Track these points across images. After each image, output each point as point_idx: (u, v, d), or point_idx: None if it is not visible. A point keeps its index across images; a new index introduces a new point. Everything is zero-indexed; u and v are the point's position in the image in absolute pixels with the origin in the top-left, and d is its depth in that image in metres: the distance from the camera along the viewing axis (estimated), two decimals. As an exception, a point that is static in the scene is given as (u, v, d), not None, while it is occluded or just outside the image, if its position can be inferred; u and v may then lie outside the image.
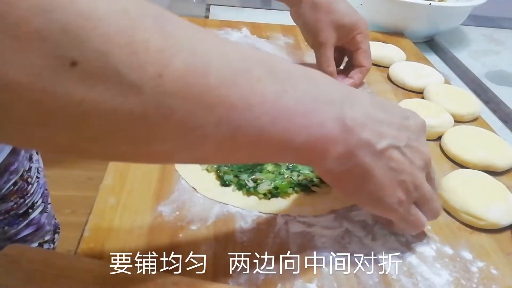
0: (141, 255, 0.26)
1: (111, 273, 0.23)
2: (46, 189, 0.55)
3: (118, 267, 0.24)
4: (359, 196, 0.26)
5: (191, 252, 0.27)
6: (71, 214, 0.58)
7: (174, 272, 0.26)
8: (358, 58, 0.46)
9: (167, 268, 0.26)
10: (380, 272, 0.28)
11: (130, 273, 0.24)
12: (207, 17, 0.67)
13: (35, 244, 0.53)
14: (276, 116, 0.20)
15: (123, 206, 0.30)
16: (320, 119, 0.22)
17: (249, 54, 0.20)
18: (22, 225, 0.51)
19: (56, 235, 0.58)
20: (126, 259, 0.26)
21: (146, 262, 0.26)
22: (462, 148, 0.39)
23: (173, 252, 0.27)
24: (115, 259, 0.26)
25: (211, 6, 0.72)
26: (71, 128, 0.16)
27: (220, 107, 0.18)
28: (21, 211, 0.51)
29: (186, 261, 0.26)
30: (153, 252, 0.27)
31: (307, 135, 0.21)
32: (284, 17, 0.71)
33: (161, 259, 0.26)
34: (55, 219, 0.59)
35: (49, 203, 0.57)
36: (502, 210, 0.32)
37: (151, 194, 0.31)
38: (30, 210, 0.52)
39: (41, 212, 0.54)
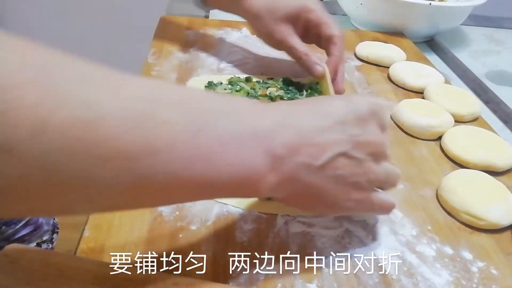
0: (141, 255, 0.27)
1: (111, 273, 0.23)
2: None
3: (118, 267, 0.24)
4: (316, 209, 0.26)
5: (191, 252, 0.27)
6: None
7: (174, 272, 0.26)
8: (324, 33, 0.44)
9: (167, 268, 0.26)
10: (380, 272, 0.28)
11: (130, 273, 0.23)
12: (207, 17, 0.67)
13: (33, 244, 0.53)
14: (190, 159, 0.19)
15: (123, 206, 0.30)
16: (243, 155, 0.21)
17: (157, 95, 0.19)
18: (20, 225, 0.51)
19: (54, 235, 0.58)
20: (126, 259, 0.26)
21: (146, 262, 0.26)
22: (462, 148, 0.39)
23: (173, 252, 0.27)
24: (115, 259, 0.26)
25: (211, 6, 0.72)
26: None
27: (116, 158, 0.17)
28: None
29: (186, 261, 0.26)
30: (153, 252, 0.27)
31: (230, 173, 0.20)
32: (284, 17, 0.71)
33: (161, 259, 0.26)
34: (54, 219, 0.59)
35: None
36: (502, 210, 0.32)
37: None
38: None
39: None
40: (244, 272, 0.26)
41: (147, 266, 0.26)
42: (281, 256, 0.28)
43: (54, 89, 0.16)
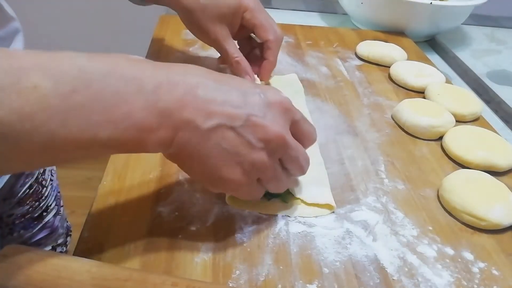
0: (140, 256, 0.26)
1: (109, 273, 0.23)
2: (59, 192, 0.55)
3: (116, 268, 0.24)
4: (199, 176, 0.25)
5: (191, 253, 0.27)
6: (70, 214, 0.58)
7: (173, 273, 0.26)
8: (260, 36, 0.42)
9: (166, 268, 0.26)
10: (381, 273, 0.27)
11: (129, 273, 0.23)
12: (207, 16, 0.67)
13: (49, 248, 0.53)
14: (65, 118, 0.20)
15: (122, 206, 0.30)
16: (124, 110, 0.21)
17: (25, 62, 0.20)
18: (37, 228, 0.51)
19: (68, 238, 0.58)
20: (125, 260, 0.26)
21: (145, 263, 0.26)
22: (463, 148, 0.38)
23: (172, 253, 0.27)
24: (114, 260, 0.26)
25: (211, 5, 0.71)
26: None
27: None
28: (36, 215, 0.50)
29: (185, 262, 0.26)
30: (152, 253, 0.27)
31: (111, 129, 0.21)
32: (284, 16, 0.71)
33: (160, 260, 0.26)
34: (67, 222, 0.59)
35: (62, 206, 0.56)
36: (504, 211, 0.32)
37: (150, 194, 0.31)
38: (44, 213, 0.52)
39: (55, 215, 0.54)
40: (244, 273, 0.26)
41: (146, 266, 0.26)
42: (281, 256, 0.27)
43: None
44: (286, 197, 0.32)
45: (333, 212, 0.32)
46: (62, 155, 0.22)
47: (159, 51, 0.52)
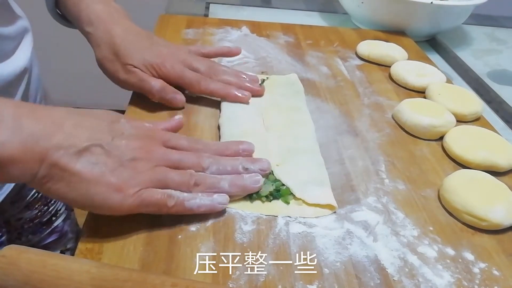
0: (139, 256, 0.26)
1: (109, 274, 0.23)
2: None
3: (116, 269, 0.24)
4: (72, 198, 0.26)
5: (191, 254, 0.27)
6: (74, 213, 0.58)
7: (173, 274, 0.25)
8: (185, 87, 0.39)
9: (166, 269, 0.26)
10: (381, 274, 0.27)
11: (128, 274, 0.23)
12: (206, 15, 0.67)
13: (57, 252, 0.53)
14: None
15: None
16: None
17: None
18: (46, 233, 0.51)
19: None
20: (124, 260, 0.26)
21: (145, 263, 0.26)
22: (464, 148, 0.38)
23: (172, 253, 0.27)
24: (113, 260, 0.26)
25: (211, 4, 0.71)
26: None
27: None
28: (45, 219, 0.50)
29: (185, 262, 0.26)
30: (152, 253, 0.27)
31: None
32: (284, 16, 0.71)
33: (159, 260, 0.26)
34: (78, 226, 0.59)
35: (72, 210, 0.56)
36: (505, 211, 0.32)
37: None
38: (53, 218, 0.52)
39: (64, 220, 0.54)
40: (244, 274, 0.26)
41: (146, 267, 0.25)
42: (281, 257, 0.27)
43: None
44: (288, 198, 0.31)
45: (335, 212, 0.31)
46: None
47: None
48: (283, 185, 0.32)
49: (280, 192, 0.32)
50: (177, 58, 0.40)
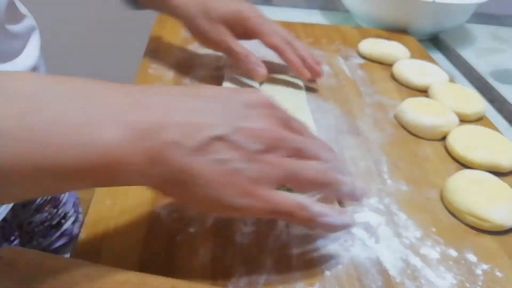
0: (138, 258, 0.26)
1: (107, 276, 0.23)
2: (77, 198, 0.55)
3: (114, 270, 0.23)
4: (199, 203, 0.22)
5: (189, 255, 0.27)
6: (82, 215, 0.58)
7: (172, 275, 0.25)
8: (266, 43, 0.42)
9: (165, 271, 0.25)
10: (383, 276, 0.27)
11: (127, 276, 0.23)
12: (208, 14, 0.67)
13: (67, 255, 0.53)
14: (22, 143, 0.17)
15: (120, 207, 0.29)
16: (91, 133, 0.18)
17: None
18: (55, 236, 0.51)
19: None
20: (123, 262, 0.26)
21: (143, 265, 0.26)
22: (467, 148, 0.38)
23: (171, 255, 0.26)
24: (112, 262, 0.25)
25: (212, 2, 0.71)
26: None
27: None
28: (54, 222, 0.50)
29: (184, 264, 0.26)
30: (151, 255, 0.26)
31: (77, 155, 0.18)
32: (285, 14, 0.70)
33: (158, 262, 0.26)
34: None
35: (80, 213, 0.56)
36: (508, 212, 0.31)
37: (148, 195, 0.31)
38: (62, 221, 0.51)
39: (73, 223, 0.53)
40: (244, 276, 0.26)
41: (144, 269, 0.25)
42: (282, 259, 0.27)
43: None
44: None
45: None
46: (18, 189, 0.19)
47: (158, 50, 0.52)
48: (283, 185, 0.32)
49: None
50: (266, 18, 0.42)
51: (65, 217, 0.52)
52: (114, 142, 0.19)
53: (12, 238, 0.42)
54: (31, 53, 0.40)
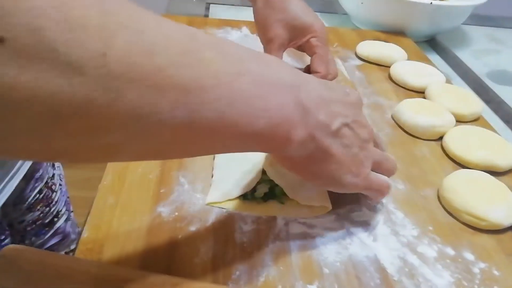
0: (139, 256, 0.26)
1: (109, 274, 0.23)
2: (68, 197, 0.55)
3: (116, 268, 0.24)
4: (320, 178, 0.26)
5: (190, 253, 0.27)
6: (73, 214, 0.58)
7: (173, 274, 0.25)
8: (313, 63, 0.44)
9: (166, 269, 0.26)
10: (381, 274, 0.27)
11: (128, 273, 0.23)
12: (206, 16, 0.67)
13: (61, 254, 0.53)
14: (233, 99, 0.19)
15: (122, 206, 0.30)
16: (278, 101, 0.21)
17: (199, 35, 0.19)
18: (49, 235, 0.51)
19: None
20: (124, 260, 0.26)
21: (145, 263, 0.26)
22: (463, 148, 0.38)
23: (172, 253, 0.27)
24: (114, 260, 0.26)
25: (211, 5, 0.72)
26: (1, 119, 0.14)
27: (173, 89, 0.17)
28: (47, 220, 0.50)
29: (185, 262, 0.26)
30: (152, 253, 0.27)
31: (267, 118, 0.21)
32: (284, 16, 0.71)
33: (160, 260, 0.26)
34: (78, 227, 0.59)
35: (72, 211, 0.56)
36: (504, 211, 0.32)
37: (150, 194, 0.31)
38: (55, 219, 0.51)
39: (66, 221, 0.53)
40: (244, 274, 0.26)
41: (145, 267, 0.25)
42: (281, 257, 0.27)
43: (112, 14, 0.15)
44: (282, 198, 0.31)
45: (330, 211, 0.31)
46: (216, 141, 0.21)
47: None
48: (277, 185, 0.32)
49: (274, 193, 0.31)
50: None
51: (57, 215, 0.51)
52: (292, 114, 0.22)
53: (3, 237, 0.42)
54: None
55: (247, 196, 0.31)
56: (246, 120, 0.20)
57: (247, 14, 0.70)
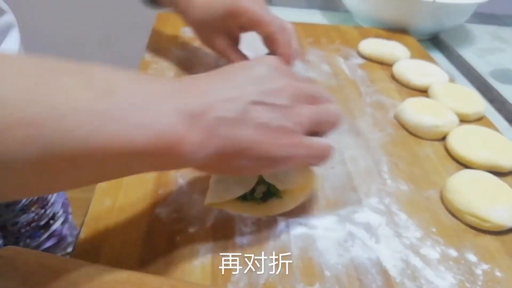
0: (138, 258, 0.26)
1: (107, 276, 0.23)
2: (66, 198, 0.54)
3: (114, 270, 0.23)
4: (249, 168, 0.24)
5: (189, 255, 0.27)
6: (72, 216, 0.58)
7: (172, 275, 0.25)
8: (262, 33, 0.40)
9: (165, 271, 0.25)
10: (383, 276, 0.27)
11: (126, 276, 0.23)
12: (207, 13, 0.67)
13: None
14: (98, 123, 0.19)
15: (120, 208, 0.29)
16: (156, 115, 0.21)
17: (55, 64, 0.19)
18: (44, 237, 0.50)
19: None
20: (122, 262, 0.26)
21: (143, 265, 0.26)
22: (467, 148, 0.38)
23: (170, 255, 0.26)
24: (112, 262, 0.25)
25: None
26: None
27: (20, 124, 0.16)
28: (42, 223, 0.50)
29: (184, 264, 0.26)
30: (151, 255, 0.26)
31: (145, 136, 0.20)
32: (284, 15, 0.70)
33: (158, 261, 0.26)
34: (76, 230, 0.58)
35: (70, 213, 0.56)
36: (508, 212, 0.31)
37: (148, 195, 0.31)
38: (51, 221, 0.51)
39: (63, 223, 0.53)
40: (244, 276, 0.26)
41: (144, 269, 0.25)
42: (282, 259, 0.27)
43: None
44: (282, 193, 0.31)
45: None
46: (90, 170, 0.20)
47: (158, 49, 0.51)
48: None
49: (273, 192, 0.31)
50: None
51: (53, 217, 0.51)
52: (175, 125, 0.21)
53: None
54: (7, 50, 0.39)
55: (246, 197, 0.31)
56: (120, 141, 0.19)
57: (248, 11, 0.70)
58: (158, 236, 0.28)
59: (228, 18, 0.40)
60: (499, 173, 0.37)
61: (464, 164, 0.38)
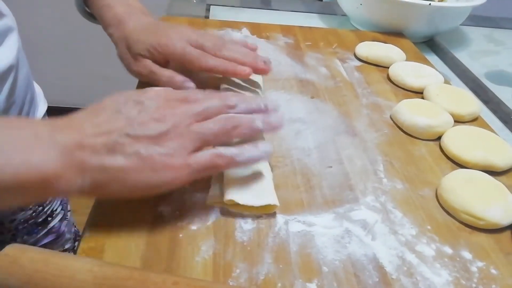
0: (141, 255, 0.27)
1: (111, 272, 0.23)
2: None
3: (118, 267, 0.24)
4: (129, 193, 0.26)
5: (191, 252, 0.27)
6: (71, 213, 0.58)
7: (174, 272, 0.26)
8: (173, 60, 0.38)
9: (167, 267, 0.26)
10: (380, 272, 0.28)
11: (130, 272, 0.24)
12: (207, 17, 0.68)
13: None
14: None
15: (124, 205, 0.30)
16: (24, 153, 0.23)
17: None
18: (42, 233, 0.50)
19: (76, 243, 0.57)
20: (126, 259, 0.26)
21: (146, 261, 0.26)
22: (461, 148, 0.39)
23: (173, 252, 0.27)
24: (115, 259, 0.26)
25: (211, 6, 0.72)
26: None
27: None
28: (40, 220, 0.50)
29: (186, 261, 0.27)
30: (153, 252, 0.27)
31: (13, 172, 0.22)
32: (283, 17, 0.71)
33: (161, 258, 0.27)
34: (75, 227, 0.58)
35: (69, 210, 0.56)
36: (502, 210, 0.32)
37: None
38: (49, 218, 0.51)
39: (61, 220, 0.53)
40: (244, 272, 0.26)
41: (147, 265, 0.26)
42: (281, 255, 0.28)
43: None
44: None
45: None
46: None
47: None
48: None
49: None
50: (181, 36, 0.38)
51: (52, 214, 0.51)
52: (45, 161, 0.23)
53: None
54: (6, 54, 0.40)
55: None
56: None
57: (247, 15, 0.71)
58: (161, 233, 0.28)
59: (155, 51, 0.38)
60: (494, 173, 0.37)
61: (458, 164, 0.39)
